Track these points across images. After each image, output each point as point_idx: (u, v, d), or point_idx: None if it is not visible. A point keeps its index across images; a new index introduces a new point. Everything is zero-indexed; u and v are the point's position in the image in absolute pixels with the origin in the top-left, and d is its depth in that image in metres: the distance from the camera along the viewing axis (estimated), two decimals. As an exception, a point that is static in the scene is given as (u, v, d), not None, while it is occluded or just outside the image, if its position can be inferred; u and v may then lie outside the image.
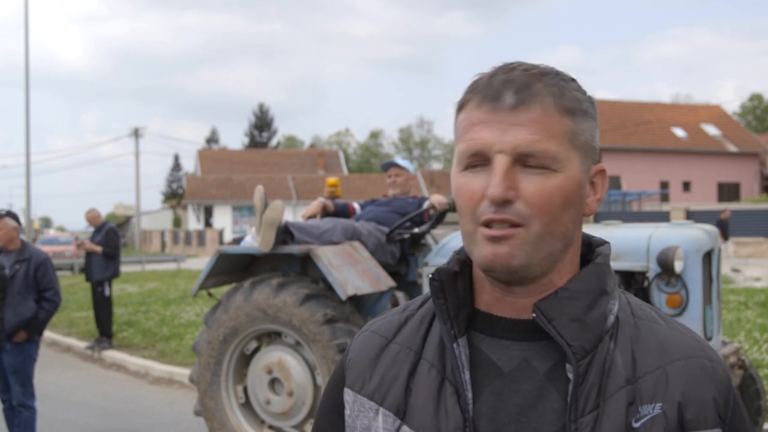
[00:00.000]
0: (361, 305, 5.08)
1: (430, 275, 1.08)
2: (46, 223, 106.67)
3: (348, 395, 1.16)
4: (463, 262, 1.10)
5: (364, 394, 1.13)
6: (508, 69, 1.03)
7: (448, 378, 1.05)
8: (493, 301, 1.07)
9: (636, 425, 0.97)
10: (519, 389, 1.02)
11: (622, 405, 0.98)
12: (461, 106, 1.05)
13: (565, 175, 1.00)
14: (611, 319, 1.03)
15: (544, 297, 1.02)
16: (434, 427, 1.04)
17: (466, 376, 1.04)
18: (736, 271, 18.22)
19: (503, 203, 0.98)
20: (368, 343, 1.17)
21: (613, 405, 0.98)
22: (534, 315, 1.01)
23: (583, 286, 1.03)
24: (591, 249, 1.11)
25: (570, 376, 0.99)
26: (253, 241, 5.11)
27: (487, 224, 1.00)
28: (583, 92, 1.05)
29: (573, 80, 1.05)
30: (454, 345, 1.05)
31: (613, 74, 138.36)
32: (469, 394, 1.03)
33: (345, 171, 58.82)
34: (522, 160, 0.99)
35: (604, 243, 1.11)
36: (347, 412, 1.16)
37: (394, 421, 1.08)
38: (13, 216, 5.66)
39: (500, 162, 0.99)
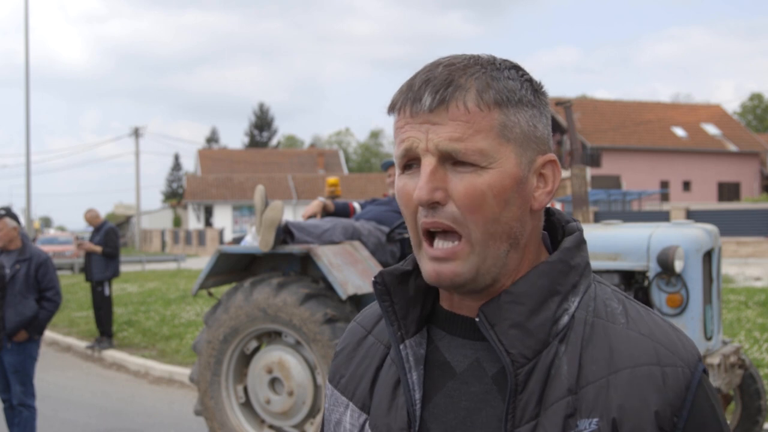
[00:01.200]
0: (361, 305, 5.08)
1: (373, 278, 1.06)
2: (46, 222, 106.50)
3: (327, 389, 1.16)
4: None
5: (339, 389, 1.13)
6: (433, 66, 0.99)
7: (401, 378, 1.03)
8: (451, 301, 1.06)
9: None
10: (468, 391, 1.00)
11: (560, 417, 0.92)
12: (391, 108, 1.02)
13: (498, 171, 0.95)
14: (564, 320, 0.97)
15: (488, 300, 0.99)
16: (385, 426, 1.03)
17: (413, 377, 1.02)
18: None
19: (432, 205, 0.96)
20: (351, 334, 1.17)
21: (551, 416, 0.93)
22: (477, 319, 0.98)
23: (527, 289, 0.97)
24: (564, 235, 1.06)
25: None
26: (254, 240, 5.11)
27: (427, 234, 0.98)
28: (522, 80, 0.99)
29: (512, 68, 1.00)
30: (401, 347, 1.03)
31: (611, 74, 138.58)
32: (417, 395, 1.01)
33: (345, 171, 58.79)
34: (450, 159, 0.96)
35: (574, 231, 1.05)
36: (326, 405, 1.16)
37: (359, 416, 1.08)
38: (12, 216, 5.66)
39: (426, 163, 0.96)
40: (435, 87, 0.96)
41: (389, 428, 1.02)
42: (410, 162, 0.99)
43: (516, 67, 1.01)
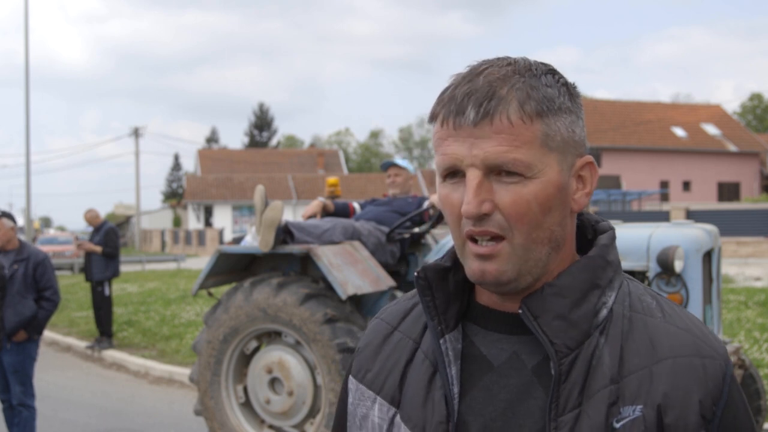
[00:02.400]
0: (362, 305, 5.08)
1: (416, 273, 1.08)
2: (46, 222, 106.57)
3: (351, 383, 1.17)
4: (457, 257, 1.10)
5: (365, 383, 1.14)
6: (473, 75, 1.00)
7: (439, 371, 1.05)
8: (488, 296, 1.08)
9: (617, 426, 0.94)
10: (507, 384, 1.02)
11: (603, 405, 0.95)
12: (432, 118, 1.03)
13: (542, 180, 0.98)
14: (603, 313, 1.01)
15: (531, 293, 1.01)
16: (421, 419, 1.04)
17: (452, 371, 1.04)
18: None
19: (480, 217, 0.98)
20: (375, 330, 1.18)
21: (595, 404, 0.95)
22: (520, 311, 1.00)
23: (570, 282, 1.01)
24: (595, 233, 1.10)
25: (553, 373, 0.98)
26: (254, 240, 5.11)
27: (472, 238, 1.00)
28: (558, 85, 1.00)
29: (547, 73, 1.01)
30: (441, 341, 1.05)
31: (611, 74, 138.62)
32: (456, 389, 1.03)
33: (345, 171, 58.79)
34: (495, 171, 0.97)
35: (608, 230, 1.08)
36: (350, 400, 1.17)
37: (388, 410, 1.09)
38: (9, 216, 5.66)
39: (471, 177, 0.98)
40: (478, 100, 0.97)
41: (426, 422, 1.04)
42: (453, 174, 1.01)
43: (552, 72, 1.02)
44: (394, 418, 1.08)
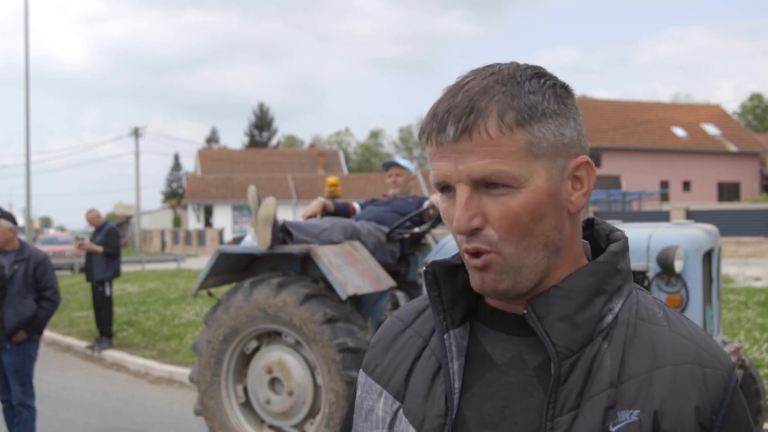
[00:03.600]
0: (362, 305, 5.08)
1: (424, 267, 1.09)
2: (46, 223, 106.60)
3: (361, 377, 1.19)
4: None
5: (373, 377, 1.16)
6: (456, 89, 1.00)
7: (442, 366, 1.06)
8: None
9: (613, 429, 0.94)
10: (508, 382, 1.02)
11: (601, 408, 0.95)
12: (420, 136, 1.04)
13: (530, 189, 0.98)
14: (608, 319, 1.01)
15: (537, 294, 1.02)
16: (421, 413, 1.06)
17: (455, 366, 1.04)
18: None
19: (472, 232, 0.99)
20: (388, 327, 1.20)
21: (592, 407, 0.96)
22: (525, 311, 1.01)
23: (576, 285, 1.01)
24: (609, 243, 1.10)
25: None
26: (253, 240, 5.11)
27: (468, 253, 1.01)
28: (544, 89, 0.99)
29: (533, 77, 1.00)
30: (445, 336, 1.06)
31: (611, 74, 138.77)
32: (457, 384, 1.04)
33: (345, 171, 58.79)
34: (483, 184, 0.98)
35: (620, 238, 1.08)
36: (358, 392, 1.19)
37: (392, 404, 1.11)
38: (8, 217, 5.65)
39: (460, 193, 0.99)
40: (457, 116, 0.97)
41: (425, 415, 1.05)
42: (446, 186, 1.02)
43: (538, 75, 1.01)
44: (397, 412, 1.09)
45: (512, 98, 0.97)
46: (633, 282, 1.08)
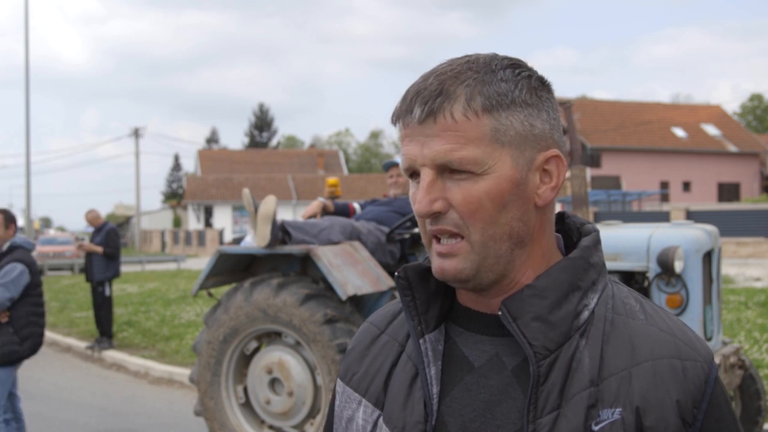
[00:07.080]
0: (361, 305, 5.08)
1: (396, 273, 1.08)
2: (46, 223, 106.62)
3: (339, 386, 1.17)
4: None
5: (351, 386, 1.14)
6: (429, 74, 0.99)
7: (419, 371, 1.05)
8: (469, 297, 1.07)
9: (596, 428, 0.93)
10: (486, 384, 1.01)
11: (582, 407, 0.94)
12: (392, 121, 1.03)
13: (494, 176, 0.97)
14: (584, 315, 0.99)
15: (511, 294, 1.00)
16: (401, 420, 1.04)
17: (432, 371, 1.03)
18: None
19: (434, 215, 0.98)
20: (363, 333, 1.19)
21: (574, 407, 0.94)
22: (500, 312, 1.00)
23: (550, 283, 0.99)
24: (580, 236, 1.09)
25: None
26: (253, 241, 5.11)
27: (436, 237, 1.00)
28: (518, 79, 0.98)
29: (508, 67, 0.99)
30: (420, 341, 1.05)
31: (609, 75, 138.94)
32: (435, 389, 1.02)
33: (345, 171, 58.79)
34: (447, 169, 0.97)
35: (591, 232, 1.07)
36: (336, 402, 1.17)
37: (372, 412, 1.09)
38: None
39: (424, 176, 0.98)
40: (424, 99, 0.97)
41: (405, 423, 1.03)
42: (414, 171, 1.02)
43: (514, 66, 1.00)
44: (378, 420, 1.08)
45: (483, 84, 0.97)
46: (607, 275, 1.06)
